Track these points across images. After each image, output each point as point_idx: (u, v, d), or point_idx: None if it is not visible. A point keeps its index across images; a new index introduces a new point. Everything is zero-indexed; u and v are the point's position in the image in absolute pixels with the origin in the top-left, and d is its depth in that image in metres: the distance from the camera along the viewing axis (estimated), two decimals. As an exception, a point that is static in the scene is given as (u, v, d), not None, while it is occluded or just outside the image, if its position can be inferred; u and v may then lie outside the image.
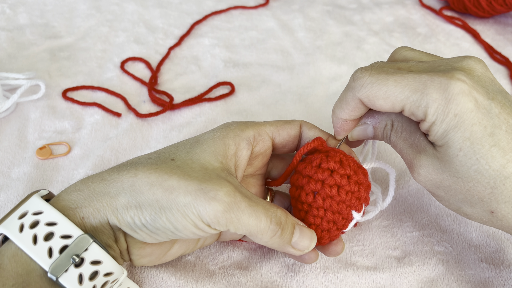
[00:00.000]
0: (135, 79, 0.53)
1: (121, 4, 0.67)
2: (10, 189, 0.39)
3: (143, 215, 0.27)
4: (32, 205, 0.28)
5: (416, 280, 0.34)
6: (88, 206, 0.28)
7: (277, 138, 0.34)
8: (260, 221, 0.28)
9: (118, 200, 0.28)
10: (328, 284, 0.34)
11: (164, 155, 0.30)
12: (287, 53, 0.59)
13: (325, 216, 0.31)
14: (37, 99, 0.48)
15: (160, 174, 0.28)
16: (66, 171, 0.42)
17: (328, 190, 0.30)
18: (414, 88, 0.28)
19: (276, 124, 0.34)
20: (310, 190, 0.31)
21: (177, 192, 0.27)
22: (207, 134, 0.32)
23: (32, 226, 0.27)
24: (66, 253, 0.26)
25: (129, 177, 0.28)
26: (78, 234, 0.27)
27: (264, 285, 0.34)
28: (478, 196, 0.28)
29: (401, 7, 0.71)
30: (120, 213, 0.28)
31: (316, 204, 0.31)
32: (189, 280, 0.33)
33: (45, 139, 0.44)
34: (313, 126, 0.35)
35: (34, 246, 0.26)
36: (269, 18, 0.66)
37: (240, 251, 0.36)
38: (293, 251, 0.30)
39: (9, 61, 0.54)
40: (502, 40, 0.64)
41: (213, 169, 0.29)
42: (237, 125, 0.33)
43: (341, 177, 0.30)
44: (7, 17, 0.62)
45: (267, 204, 0.29)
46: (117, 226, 0.28)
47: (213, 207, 0.27)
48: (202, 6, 0.68)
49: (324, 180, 0.31)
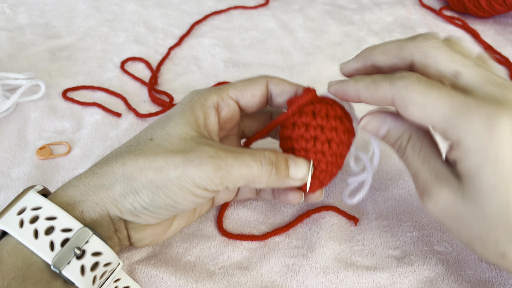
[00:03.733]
0: (135, 79, 0.53)
1: (121, 4, 0.67)
2: (10, 189, 0.39)
3: (142, 198, 0.29)
4: (30, 200, 0.28)
5: (416, 280, 0.34)
6: (86, 201, 0.29)
7: (241, 101, 0.34)
8: (251, 167, 0.29)
9: (114, 191, 0.29)
10: (328, 284, 0.34)
11: (142, 138, 0.31)
12: (287, 53, 0.59)
13: (325, 158, 0.32)
14: (37, 99, 0.48)
15: (146, 156, 0.29)
16: (66, 171, 0.42)
17: (329, 133, 0.32)
18: (456, 109, 0.26)
19: (240, 86, 0.34)
20: (309, 136, 0.32)
21: (167, 168, 0.28)
22: (176, 108, 0.33)
23: (32, 221, 0.27)
24: (68, 246, 0.27)
25: (119, 166, 0.29)
26: (79, 227, 0.27)
27: (264, 285, 0.34)
28: (496, 237, 0.27)
29: (401, 7, 0.71)
30: (119, 202, 0.29)
31: (315, 149, 0.32)
32: (189, 280, 0.33)
33: (45, 139, 0.44)
34: (281, 81, 0.34)
35: (35, 240, 0.26)
36: (269, 18, 0.66)
37: (240, 251, 0.36)
38: (294, 183, 0.32)
39: (9, 61, 0.54)
40: (502, 40, 0.64)
41: (190, 138, 0.30)
42: (201, 94, 0.33)
43: (335, 119, 0.32)
44: (7, 17, 0.62)
45: (252, 151, 0.30)
46: (119, 216, 0.29)
47: (204, 170, 0.28)
48: (202, 6, 0.68)
49: (322, 125, 0.32)
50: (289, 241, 0.37)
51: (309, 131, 0.32)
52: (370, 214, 0.39)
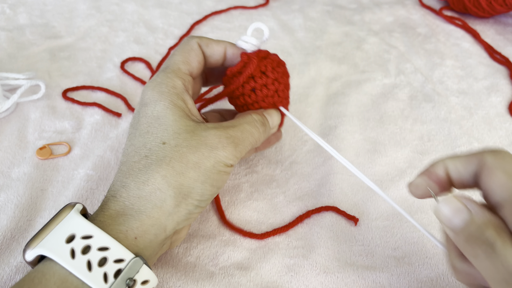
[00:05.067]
0: (135, 79, 0.53)
1: (121, 4, 0.67)
2: (10, 189, 0.39)
3: (193, 198, 0.30)
4: (78, 227, 0.27)
5: (416, 280, 0.34)
6: (140, 227, 0.28)
7: (193, 72, 0.36)
8: (253, 134, 0.34)
9: (167, 206, 0.29)
10: (328, 284, 0.34)
11: (152, 144, 0.30)
12: (287, 53, 0.59)
13: (283, 98, 0.37)
14: (37, 99, 0.48)
15: (178, 160, 0.30)
16: (66, 171, 0.42)
17: (282, 79, 0.37)
18: None
19: (185, 60, 0.35)
20: (272, 92, 0.36)
21: (202, 162, 0.30)
22: (157, 108, 0.32)
23: (84, 251, 0.26)
24: (121, 277, 0.26)
25: (161, 181, 0.29)
26: (131, 258, 0.27)
27: (264, 285, 0.34)
28: None
29: (401, 7, 0.71)
30: (174, 214, 0.29)
31: (280, 98, 0.37)
32: (189, 280, 0.33)
33: (45, 139, 0.44)
34: (209, 41, 0.36)
35: (89, 273, 0.25)
36: (269, 18, 0.66)
37: (240, 251, 0.36)
38: (273, 131, 0.37)
39: (9, 61, 0.54)
40: (502, 40, 0.64)
41: (193, 128, 0.31)
42: (165, 85, 0.33)
43: (279, 66, 0.37)
44: (7, 17, 0.62)
45: (244, 119, 0.34)
46: (175, 229, 0.30)
47: (228, 151, 0.31)
48: (202, 6, 0.68)
49: (276, 78, 0.36)
50: (289, 241, 0.37)
51: (270, 89, 0.36)
52: (370, 214, 0.39)
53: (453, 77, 0.57)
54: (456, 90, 0.55)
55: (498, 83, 0.56)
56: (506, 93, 0.54)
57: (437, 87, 0.55)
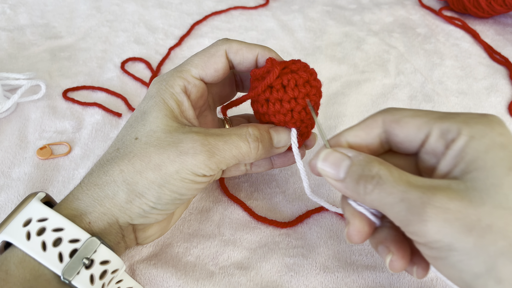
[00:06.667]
0: (136, 79, 0.53)
1: (121, 4, 0.67)
2: (10, 189, 0.39)
3: (148, 199, 0.29)
4: (35, 211, 0.28)
5: (416, 279, 0.34)
6: (92, 212, 0.29)
7: (206, 78, 0.34)
8: (240, 148, 0.31)
9: (119, 199, 0.29)
10: (328, 283, 0.34)
11: (126, 138, 0.31)
12: (287, 53, 0.59)
13: (303, 122, 0.34)
14: (37, 99, 0.48)
15: (140, 158, 0.29)
16: (67, 171, 0.42)
17: (302, 102, 0.33)
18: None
19: (201, 64, 0.33)
20: (286, 111, 0.33)
21: (164, 165, 0.29)
22: (148, 102, 0.32)
23: (39, 233, 0.27)
24: (76, 256, 0.27)
25: (117, 174, 0.29)
26: (86, 237, 0.28)
27: (264, 285, 0.34)
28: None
29: (401, 8, 0.71)
30: (127, 209, 0.29)
31: (294, 119, 0.33)
32: (189, 280, 0.33)
33: (45, 139, 0.44)
34: (239, 48, 0.34)
35: (44, 252, 0.26)
36: (269, 18, 0.67)
37: (240, 251, 0.36)
38: (279, 150, 0.34)
39: (10, 61, 0.54)
40: (501, 40, 0.64)
41: (175, 129, 0.30)
42: (166, 82, 0.33)
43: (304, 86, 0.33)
44: (8, 17, 0.62)
45: (237, 130, 0.32)
46: (129, 222, 0.30)
47: (199, 159, 0.29)
48: (202, 7, 0.68)
49: (295, 96, 0.32)
50: (289, 241, 0.37)
51: (284, 106, 0.33)
52: (370, 214, 0.39)
53: (453, 77, 0.57)
54: (456, 90, 0.55)
55: (498, 83, 0.56)
56: (505, 93, 0.55)
57: (437, 87, 0.55)
